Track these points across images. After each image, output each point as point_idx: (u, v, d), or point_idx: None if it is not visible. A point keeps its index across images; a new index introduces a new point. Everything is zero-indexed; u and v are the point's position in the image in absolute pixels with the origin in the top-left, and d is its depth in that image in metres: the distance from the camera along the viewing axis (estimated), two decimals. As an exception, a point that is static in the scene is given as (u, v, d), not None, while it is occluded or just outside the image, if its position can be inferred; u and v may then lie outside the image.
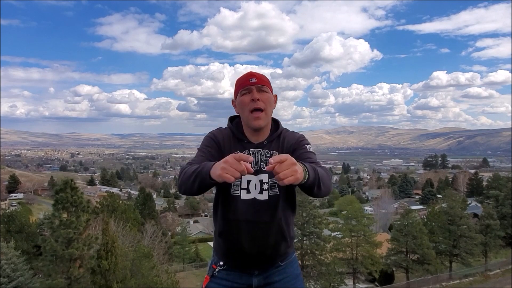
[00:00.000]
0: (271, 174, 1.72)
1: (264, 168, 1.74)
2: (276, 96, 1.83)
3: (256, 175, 1.74)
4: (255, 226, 1.74)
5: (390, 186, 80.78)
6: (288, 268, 1.89)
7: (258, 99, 1.71)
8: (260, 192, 1.74)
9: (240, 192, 1.74)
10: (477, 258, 28.41)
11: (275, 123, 1.86)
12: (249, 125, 1.76)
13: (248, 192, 1.74)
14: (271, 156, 1.75)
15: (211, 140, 1.78)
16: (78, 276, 13.51)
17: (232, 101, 1.84)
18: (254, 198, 1.74)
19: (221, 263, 1.85)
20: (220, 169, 1.32)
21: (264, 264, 1.82)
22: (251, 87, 1.73)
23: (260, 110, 1.71)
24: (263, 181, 1.75)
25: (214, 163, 1.41)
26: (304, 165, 1.45)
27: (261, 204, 1.74)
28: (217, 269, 1.86)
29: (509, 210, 29.94)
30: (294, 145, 1.80)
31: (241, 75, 1.80)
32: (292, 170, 1.34)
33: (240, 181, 1.73)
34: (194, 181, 1.50)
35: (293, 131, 1.88)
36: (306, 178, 1.43)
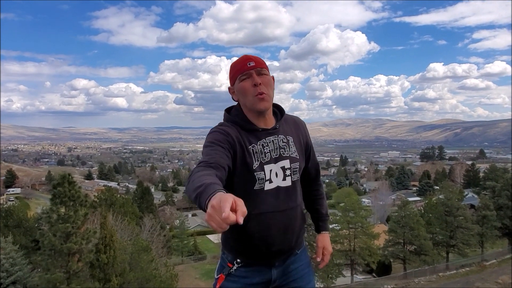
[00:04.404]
0: (292, 159, 1.70)
1: (284, 154, 1.69)
2: (273, 77, 1.74)
3: (276, 163, 1.66)
4: (283, 215, 1.68)
5: (387, 178, 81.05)
6: (302, 255, 1.86)
7: (260, 83, 1.61)
8: (284, 179, 1.68)
9: (264, 184, 1.64)
10: (473, 248, 28.62)
11: (277, 107, 1.79)
12: (254, 108, 1.64)
13: (271, 182, 1.65)
14: (288, 141, 1.72)
15: (223, 136, 1.58)
16: (77, 270, 13.53)
17: (229, 88, 1.73)
18: (278, 186, 1.67)
19: (239, 260, 1.73)
20: (207, 216, 1.05)
21: (286, 254, 1.77)
22: (250, 71, 1.62)
23: (264, 94, 1.63)
24: (285, 167, 1.68)
25: (212, 195, 1.12)
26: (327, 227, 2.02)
27: (285, 191, 1.69)
28: (234, 267, 1.72)
29: (505, 201, 30.07)
30: (305, 138, 1.84)
31: (235, 60, 1.70)
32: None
33: (264, 174, 1.63)
34: (195, 201, 1.23)
35: (292, 115, 1.85)
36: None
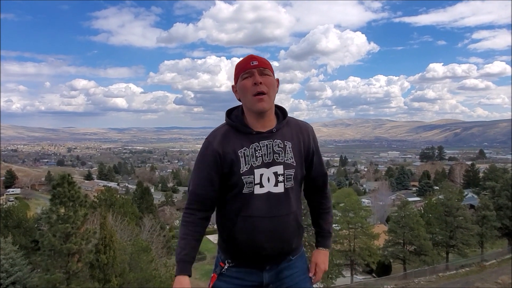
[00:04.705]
0: (286, 166, 1.66)
1: (278, 159, 1.65)
2: (278, 80, 1.74)
3: (268, 168, 1.64)
4: (272, 221, 1.63)
5: (387, 178, 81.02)
6: (298, 262, 1.80)
7: (260, 83, 1.61)
8: (275, 185, 1.64)
9: (254, 188, 1.63)
10: (473, 248, 28.65)
11: (281, 110, 1.76)
12: (252, 109, 1.64)
13: (262, 186, 1.63)
14: (284, 146, 1.66)
15: (208, 155, 1.66)
16: (77, 271, 13.52)
17: (233, 86, 1.73)
18: (269, 192, 1.64)
19: (229, 260, 1.73)
20: None
21: (277, 259, 1.72)
22: (252, 70, 1.63)
23: (263, 93, 1.61)
24: (278, 173, 1.64)
25: (176, 278, 1.63)
26: (327, 245, 1.93)
27: (277, 198, 1.64)
28: (225, 267, 1.73)
29: (505, 201, 30.09)
30: (308, 145, 1.76)
31: (241, 59, 1.72)
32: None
33: (254, 177, 1.63)
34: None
35: (298, 120, 1.81)
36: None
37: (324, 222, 1.91)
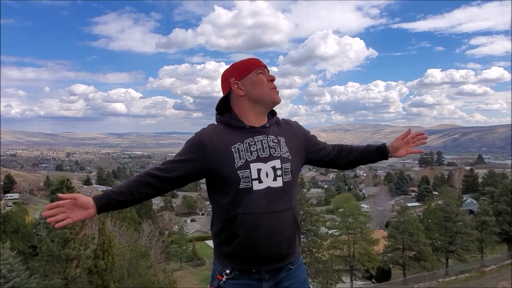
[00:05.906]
0: (283, 160, 1.65)
1: (274, 154, 1.64)
2: None
3: (266, 163, 1.61)
4: (272, 217, 1.59)
5: (386, 183, 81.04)
6: (298, 271, 1.75)
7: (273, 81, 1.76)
8: (274, 179, 1.61)
9: (252, 183, 1.58)
10: (473, 254, 28.57)
11: (270, 111, 1.81)
12: (269, 100, 1.71)
13: (260, 182, 1.59)
14: (278, 141, 1.68)
15: (193, 145, 1.64)
16: (75, 276, 13.45)
17: (234, 82, 1.70)
18: (269, 187, 1.60)
19: (228, 271, 1.65)
20: None
21: (277, 263, 1.66)
22: (265, 69, 1.75)
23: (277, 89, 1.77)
24: (276, 167, 1.62)
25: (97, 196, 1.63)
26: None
27: (276, 192, 1.61)
28: (223, 279, 1.65)
29: (504, 206, 30.10)
30: (303, 135, 1.83)
31: (243, 60, 1.79)
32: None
33: (250, 172, 1.59)
34: None
35: (284, 118, 1.87)
36: None
37: (360, 146, 2.03)
